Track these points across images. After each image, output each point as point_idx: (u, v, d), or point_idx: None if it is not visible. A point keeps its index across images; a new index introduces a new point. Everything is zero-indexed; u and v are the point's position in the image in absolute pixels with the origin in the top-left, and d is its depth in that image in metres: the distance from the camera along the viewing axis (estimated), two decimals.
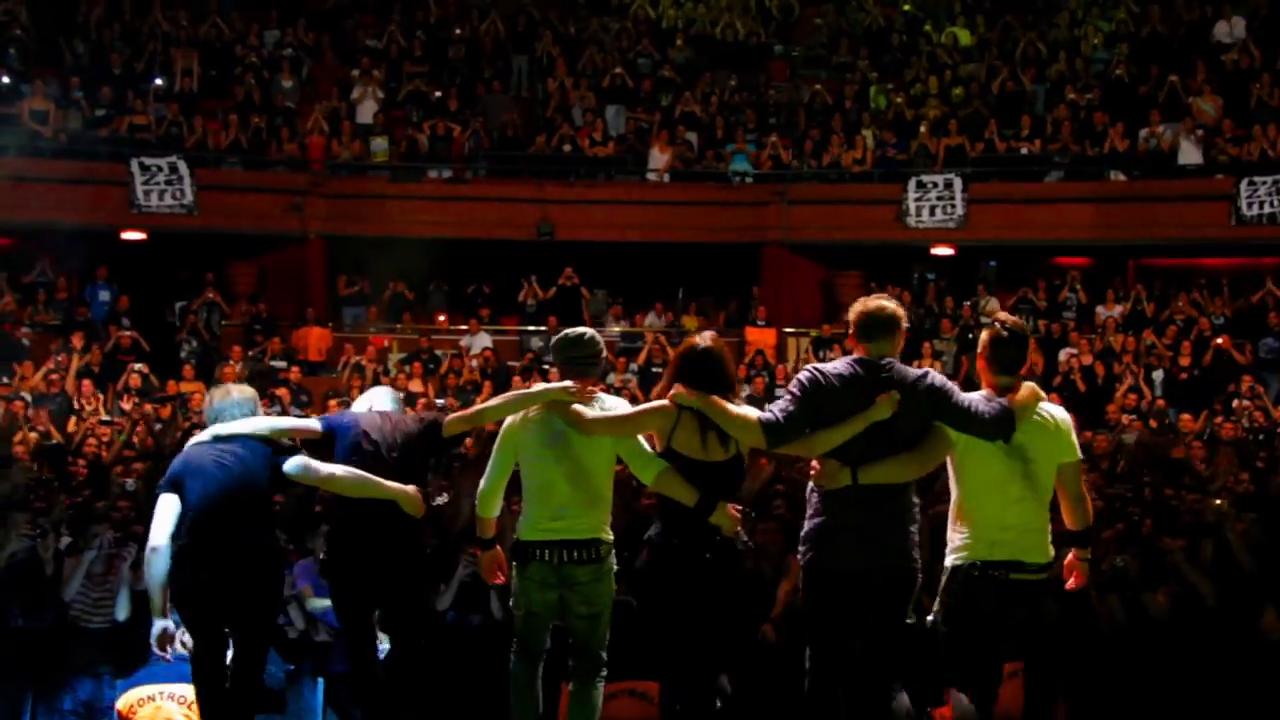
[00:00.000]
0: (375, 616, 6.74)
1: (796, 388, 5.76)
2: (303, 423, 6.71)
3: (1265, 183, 20.95)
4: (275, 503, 10.57)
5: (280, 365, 19.63)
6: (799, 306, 22.79)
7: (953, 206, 21.76)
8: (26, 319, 20.37)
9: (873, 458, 5.70)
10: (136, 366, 18.60)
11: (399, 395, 7.16)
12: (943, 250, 22.63)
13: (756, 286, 22.75)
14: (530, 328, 21.75)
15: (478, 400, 17.02)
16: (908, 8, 26.42)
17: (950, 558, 6.03)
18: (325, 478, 6.54)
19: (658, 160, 22.89)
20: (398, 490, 6.39)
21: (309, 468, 6.47)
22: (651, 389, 20.12)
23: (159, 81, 23.35)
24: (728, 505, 5.97)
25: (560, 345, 6.40)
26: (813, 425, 5.71)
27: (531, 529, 6.20)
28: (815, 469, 5.78)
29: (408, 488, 6.43)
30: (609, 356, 20.02)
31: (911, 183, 21.88)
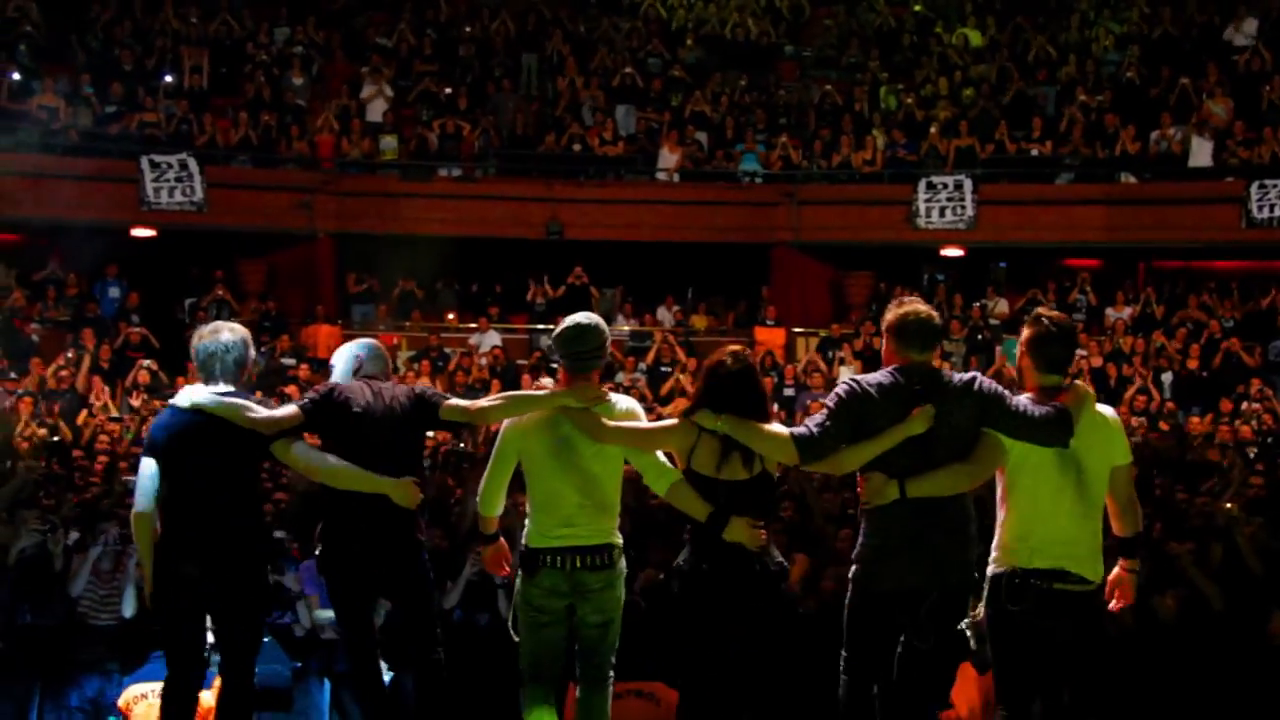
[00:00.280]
0: (376, 619, 6.48)
1: (834, 401, 5.50)
2: (280, 412, 6.04)
3: (1276, 185, 20.90)
4: (277, 500, 10.63)
5: (289, 363, 19.62)
6: (808, 307, 22.78)
7: (963, 208, 21.73)
8: (36, 315, 20.41)
9: (920, 470, 5.42)
10: (146, 363, 18.61)
11: (380, 348, 6.49)
12: (952, 251, 22.61)
13: (766, 286, 22.75)
14: (539, 326, 21.74)
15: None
16: (918, 8, 26.39)
17: (990, 567, 5.69)
18: (306, 466, 6.16)
19: (667, 160, 22.87)
20: (389, 484, 5.99)
21: (290, 451, 6.05)
22: (661, 387, 20.06)
23: (169, 79, 23.35)
24: (743, 520, 5.67)
25: (562, 338, 6.11)
26: (852, 440, 5.46)
27: (540, 537, 5.96)
28: (861, 485, 5.52)
29: (401, 480, 6.02)
30: (617, 355, 20.11)
31: (921, 184, 21.85)
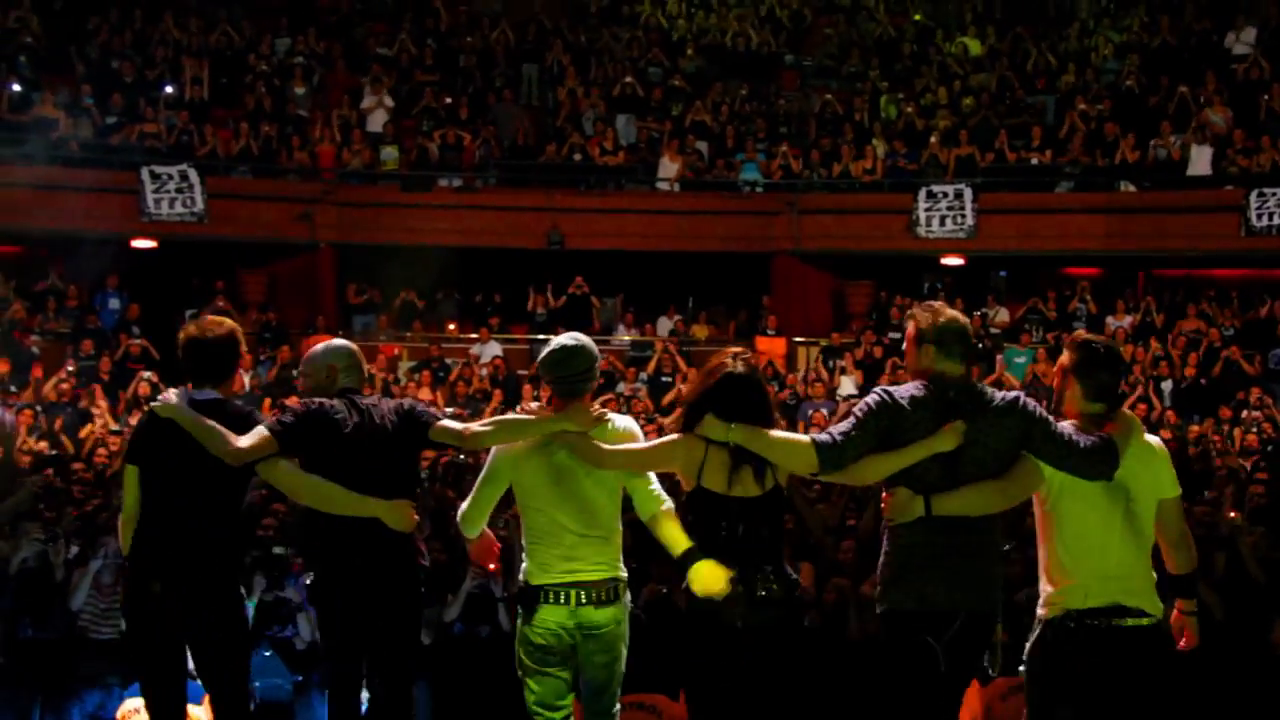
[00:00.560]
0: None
1: (862, 410, 5.13)
2: (249, 441, 5.49)
3: (1275, 194, 20.90)
4: (276, 510, 10.56)
5: (291, 374, 19.62)
6: (809, 316, 22.77)
7: (963, 217, 21.73)
8: (36, 327, 20.40)
9: (947, 487, 5.09)
10: (146, 375, 18.57)
11: (355, 355, 5.99)
12: (953, 260, 22.60)
13: (767, 296, 22.74)
14: (540, 336, 21.69)
15: (487, 411, 17.01)
16: (918, 18, 26.45)
17: (1042, 609, 5.28)
18: (293, 489, 5.69)
19: (668, 169, 22.88)
20: (382, 507, 5.56)
21: (275, 471, 5.57)
22: (663, 399, 20.04)
23: (170, 90, 23.37)
24: (715, 570, 5.22)
25: (548, 362, 5.62)
26: (876, 453, 5.13)
27: (540, 572, 5.59)
28: (885, 500, 5.23)
29: (395, 502, 5.59)
30: (618, 365, 20.11)
31: (922, 193, 21.86)
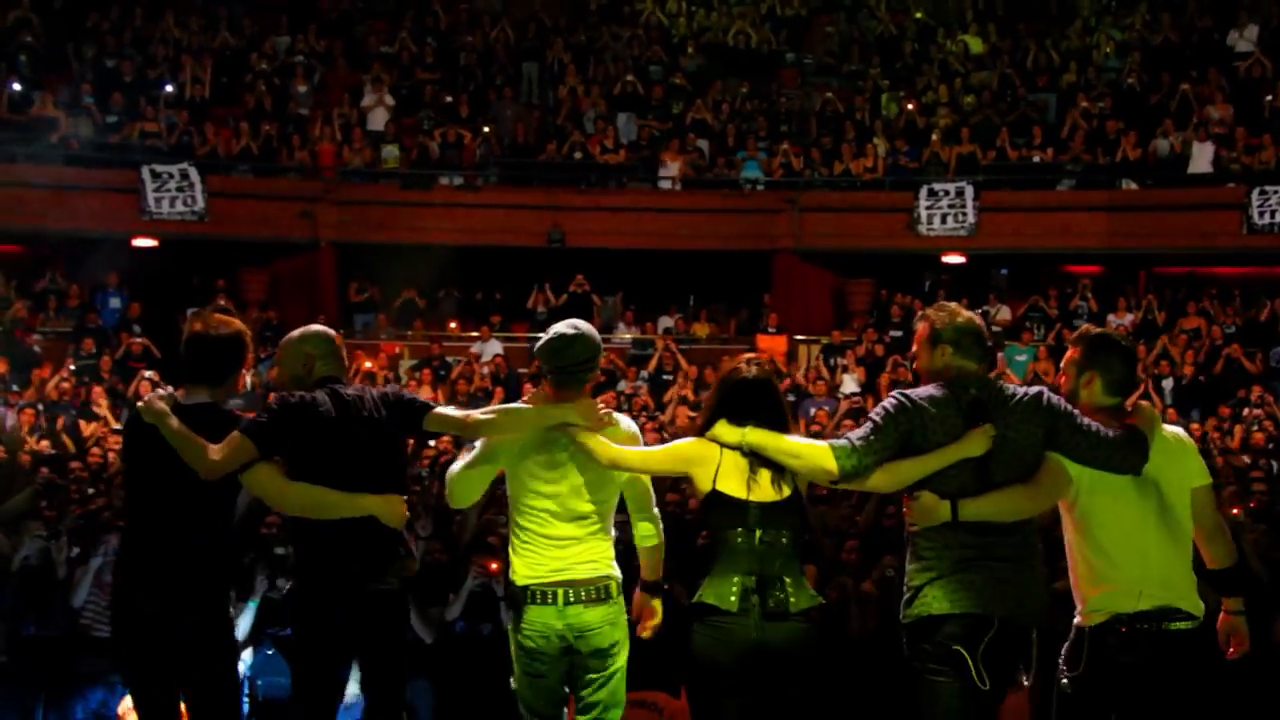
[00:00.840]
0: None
1: (880, 415, 4.94)
2: (224, 452, 5.11)
3: (1277, 192, 20.90)
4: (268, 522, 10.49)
5: None
6: (810, 314, 22.78)
7: (964, 214, 21.73)
8: (38, 326, 20.41)
9: (975, 491, 4.88)
10: (147, 374, 18.58)
11: (332, 341, 5.57)
12: (954, 258, 22.59)
13: (767, 294, 22.73)
14: (541, 335, 21.71)
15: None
16: (920, 15, 26.43)
17: (1080, 618, 5.07)
18: (279, 499, 5.32)
19: (669, 168, 22.88)
20: (375, 503, 5.23)
21: (256, 479, 5.20)
22: (663, 395, 20.05)
23: (170, 88, 23.38)
24: (654, 613, 5.47)
25: (547, 350, 5.47)
26: (897, 459, 4.93)
27: (528, 571, 5.33)
28: (907, 505, 5.01)
29: (388, 497, 5.27)
30: (619, 363, 20.10)
31: (923, 190, 21.85)
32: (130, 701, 7.96)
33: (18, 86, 22.47)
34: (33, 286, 21.34)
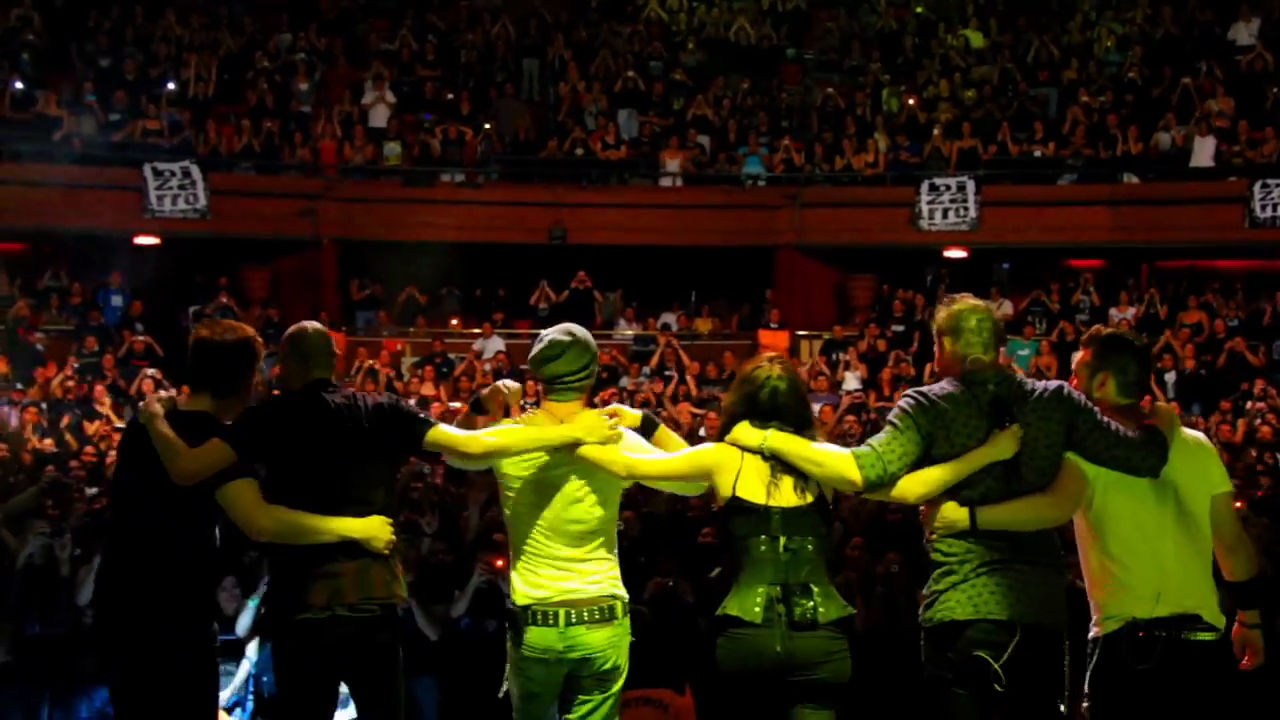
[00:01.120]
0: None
1: (897, 417, 4.76)
2: (203, 459, 4.92)
3: (1279, 185, 20.90)
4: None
5: None
6: (812, 309, 22.79)
7: (965, 209, 21.73)
8: (40, 324, 20.42)
9: (999, 497, 4.70)
10: (149, 372, 18.61)
11: (323, 336, 5.31)
12: (955, 253, 22.59)
13: (769, 289, 22.74)
14: (543, 331, 21.71)
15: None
16: (920, 10, 26.42)
17: (1096, 628, 4.86)
18: (250, 521, 5.00)
19: (670, 164, 22.89)
20: (355, 526, 5.00)
21: (228, 496, 4.98)
22: (664, 391, 19.97)
23: (172, 86, 23.38)
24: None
25: (539, 359, 5.26)
26: (921, 462, 4.75)
27: (528, 590, 5.08)
28: (924, 513, 4.84)
29: (370, 519, 5.04)
30: (621, 360, 20.11)
31: (924, 185, 21.86)
32: None
33: (20, 85, 22.47)
34: (35, 284, 21.39)
